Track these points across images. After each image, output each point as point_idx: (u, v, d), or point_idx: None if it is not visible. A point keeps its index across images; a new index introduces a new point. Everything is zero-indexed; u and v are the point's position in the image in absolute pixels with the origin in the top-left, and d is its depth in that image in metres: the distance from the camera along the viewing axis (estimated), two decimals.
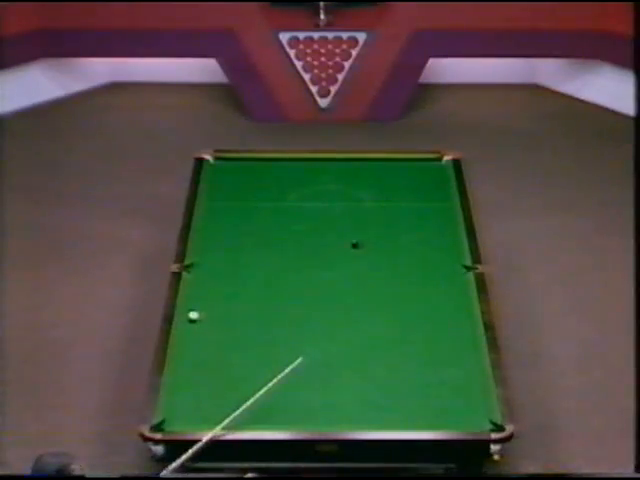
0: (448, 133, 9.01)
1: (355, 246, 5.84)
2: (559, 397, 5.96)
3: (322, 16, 8.80)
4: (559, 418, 5.79)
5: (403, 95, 9.34)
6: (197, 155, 7.16)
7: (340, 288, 5.86)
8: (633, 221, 6.11)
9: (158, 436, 4.77)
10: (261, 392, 4.78)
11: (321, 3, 8.75)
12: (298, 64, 9.15)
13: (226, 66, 9.23)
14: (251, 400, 4.72)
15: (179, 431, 4.82)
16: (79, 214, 7.79)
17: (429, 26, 8.93)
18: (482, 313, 5.59)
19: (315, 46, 9.08)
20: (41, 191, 8.14)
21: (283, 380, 4.82)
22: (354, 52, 9.10)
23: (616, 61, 9.01)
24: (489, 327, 5.48)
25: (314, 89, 9.28)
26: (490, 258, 6.29)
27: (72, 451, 5.51)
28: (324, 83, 9.26)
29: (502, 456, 4.81)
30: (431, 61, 9.23)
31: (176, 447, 4.84)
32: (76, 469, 3.96)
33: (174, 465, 4.45)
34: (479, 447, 4.84)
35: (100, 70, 9.76)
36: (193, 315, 5.54)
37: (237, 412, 4.68)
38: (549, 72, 9.91)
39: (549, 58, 9.59)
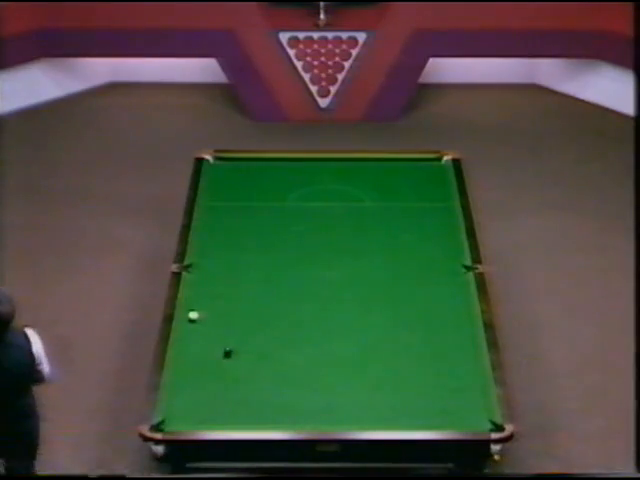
0: (448, 133, 9.00)
1: (228, 355, 5.19)
2: (559, 397, 5.96)
3: (322, 16, 8.80)
4: (559, 418, 5.79)
5: (403, 95, 9.34)
6: (197, 155, 7.16)
7: (340, 288, 5.86)
8: (633, 221, 6.12)
9: (158, 436, 4.77)
10: None
11: (321, 3, 8.75)
12: (298, 64, 9.15)
13: (226, 66, 9.23)
14: None
15: (179, 431, 4.82)
16: (79, 213, 7.79)
17: (429, 26, 8.93)
18: (482, 313, 5.60)
19: (315, 46, 9.08)
20: (41, 191, 8.13)
21: None
22: (354, 52, 9.10)
23: (616, 61, 9.01)
24: (489, 327, 5.49)
25: (314, 89, 9.28)
26: (490, 258, 6.29)
27: (72, 451, 5.56)
28: (324, 83, 9.25)
29: (502, 456, 4.82)
30: (431, 61, 9.23)
31: (176, 447, 4.85)
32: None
33: None
34: (479, 447, 4.85)
35: (100, 70, 9.76)
36: (193, 315, 5.54)
37: None
38: (549, 72, 9.91)
39: (549, 58, 9.59)
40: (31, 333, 4.75)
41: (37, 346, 4.71)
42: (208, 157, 7.14)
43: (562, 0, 8.72)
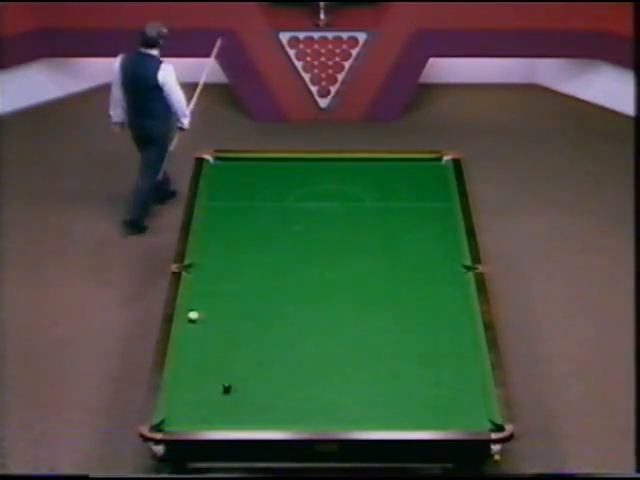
0: (448, 133, 9.01)
1: (227, 390, 5.01)
2: (559, 397, 5.96)
3: (322, 16, 8.81)
4: (559, 418, 5.79)
5: (403, 95, 9.34)
6: (197, 155, 7.16)
7: (340, 288, 5.86)
8: (633, 220, 6.12)
9: (158, 436, 4.77)
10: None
11: (321, 3, 8.76)
12: (298, 64, 9.16)
13: (226, 66, 9.23)
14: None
15: (179, 431, 4.82)
16: (78, 213, 7.79)
17: (429, 26, 8.94)
18: (482, 313, 5.59)
19: (315, 46, 9.08)
20: (40, 191, 8.14)
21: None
22: (354, 52, 9.10)
23: (616, 61, 9.01)
24: (489, 327, 5.48)
25: (314, 89, 9.28)
26: (490, 258, 6.29)
27: (72, 451, 5.56)
28: (324, 83, 9.26)
29: (502, 456, 4.82)
30: (431, 61, 9.24)
31: (176, 447, 4.85)
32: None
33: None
34: (479, 447, 4.85)
35: (100, 70, 9.75)
36: (193, 315, 5.54)
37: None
38: (549, 72, 9.91)
39: (549, 58, 9.59)
40: (166, 66, 6.98)
41: (166, 75, 6.96)
42: (208, 157, 7.13)
43: (562, 0, 8.73)
